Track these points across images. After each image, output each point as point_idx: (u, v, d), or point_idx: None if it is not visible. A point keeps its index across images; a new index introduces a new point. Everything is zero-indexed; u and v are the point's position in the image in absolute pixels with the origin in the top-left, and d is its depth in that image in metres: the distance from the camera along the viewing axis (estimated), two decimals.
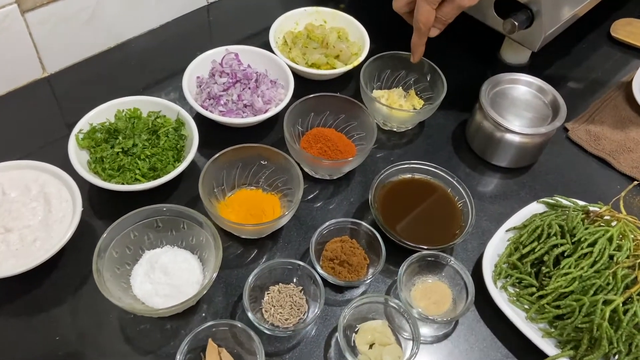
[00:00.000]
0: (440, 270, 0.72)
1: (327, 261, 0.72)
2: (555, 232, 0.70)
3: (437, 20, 0.79)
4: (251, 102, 0.83)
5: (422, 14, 0.77)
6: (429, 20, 0.78)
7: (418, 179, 0.80)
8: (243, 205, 0.75)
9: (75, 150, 0.74)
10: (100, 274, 0.62)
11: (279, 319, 0.67)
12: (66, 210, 0.69)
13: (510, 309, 0.68)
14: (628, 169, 0.87)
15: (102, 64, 0.94)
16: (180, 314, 0.67)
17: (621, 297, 0.62)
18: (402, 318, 0.67)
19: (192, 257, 0.70)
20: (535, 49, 0.89)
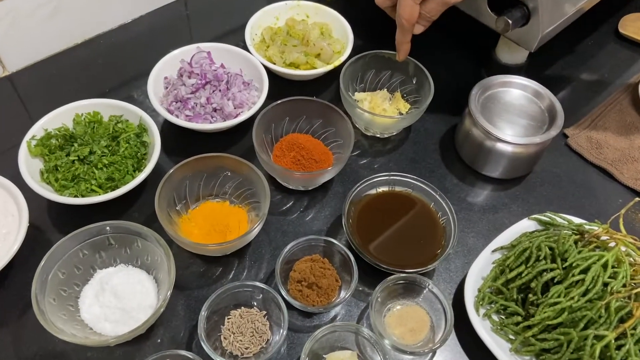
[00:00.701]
0: (418, 294, 0.66)
1: (294, 283, 0.66)
2: (545, 256, 0.64)
3: (421, 17, 0.73)
4: (221, 105, 0.77)
5: (405, 9, 0.72)
6: (412, 16, 0.73)
7: (397, 193, 0.73)
8: (207, 220, 0.70)
9: (26, 159, 0.69)
10: (42, 297, 0.57)
11: (239, 347, 0.61)
12: (11, 225, 0.64)
13: (492, 340, 0.62)
14: (631, 181, 0.80)
15: (67, 62, 0.88)
16: (133, 340, 0.62)
17: (614, 332, 0.56)
18: (374, 349, 0.61)
19: (147, 278, 0.65)
20: (532, 49, 0.81)
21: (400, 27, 0.75)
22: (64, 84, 0.85)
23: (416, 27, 0.75)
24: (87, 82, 0.85)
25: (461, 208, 0.76)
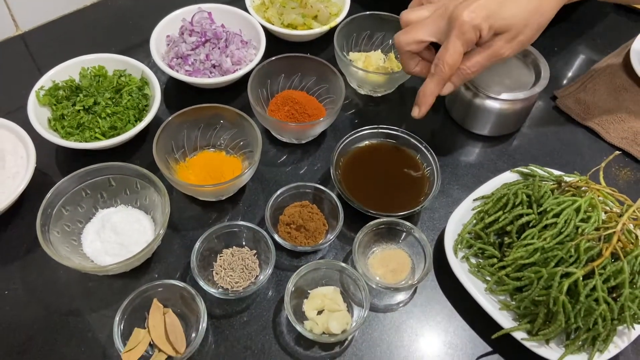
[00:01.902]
0: (401, 238, 0.70)
1: (283, 225, 0.70)
2: (522, 202, 0.67)
3: (458, 71, 0.65)
4: (219, 62, 0.81)
5: (452, 54, 0.62)
6: (456, 64, 0.63)
7: (384, 145, 0.76)
8: (204, 168, 0.74)
9: (35, 107, 0.73)
10: (45, 229, 0.62)
11: (229, 281, 0.66)
12: (20, 166, 0.69)
13: (468, 280, 0.65)
14: (617, 140, 0.82)
15: (76, 23, 0.93)
16: (131, 273, 0.66)
17: (582, 270, 0.59)
18: (355, 286, 0.65)
19: (144, 218, 0.69)
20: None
21: (436, 75, 0.65)
22: (72, 43, 0.89)
23: (447, 84, 0.67)
24: (93, 41, 0.90)
25: (448, 163, 0.79)
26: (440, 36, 0.64)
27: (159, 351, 0.59)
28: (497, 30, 0.62)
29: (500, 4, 0.61)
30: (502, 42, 0.63)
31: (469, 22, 0.60)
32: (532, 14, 0.62)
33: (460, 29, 0.61)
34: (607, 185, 0.68)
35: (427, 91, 0.67)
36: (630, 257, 0.60)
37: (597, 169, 0.70)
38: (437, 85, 0.66)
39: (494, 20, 0.61)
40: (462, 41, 0.62)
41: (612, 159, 0.73)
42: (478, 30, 0.61)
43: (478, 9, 0.60)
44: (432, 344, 0.64)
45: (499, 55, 0.63)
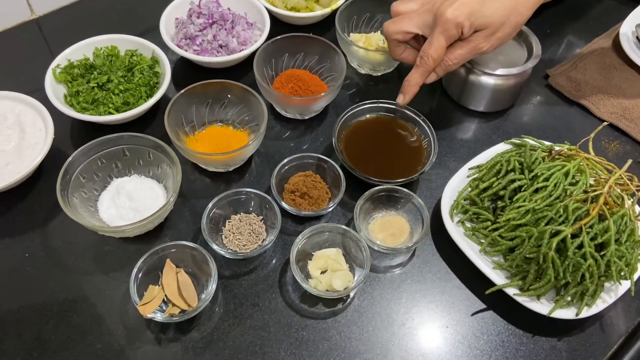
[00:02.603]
0: (400, 205, 0.73)
1: (288, 193, 0.73)
2: (514, 168, 0.70)
3: (441, 63, 0.71)
4: (226, 42, 0.85)
5: (436, 49, 0.68)
6: (440, 57, 0.69)
7: (384, 118, 0.80)
8: (212, 141, 0.78)
9: (52, 83, 0.77)
10: (65, 193, 0.66)
11: (237, 244, 0.69)
12: (39, 137, 0.72)
13: (464, 242, 0.69)
14: (607, 115, 0.86)
15: (88, 7, 0.97)
16: (145, 238, 0.70)
17: (570, 228, 0.62)
18: (357, 248, 0.68)
19: (157, 186, 0.73)
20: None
21: (421, 66, 0.71)
22: (84, 27, 0.92)
23: (430, 75, 0.73)
24: (105, 26, 0.93)
25: (445, 137, 0.83)
26: (425, 29, 0.70)
27: (172, 305, 0.63)
28: (477, 27, 0.67)
29: (481, 3, 0.66)
30: (482, 38, 0.68)
31: (452, 19, 0.66)
32: (509, 13, 0.67)
33: (444, 25, 0.67)
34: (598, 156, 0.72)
35: (413, 81, 0.73)
36: (616, 216, 0.64)
37: (587, 140, 0.74)
38: (421, 76, 0.72)
39: (475, 18, 0.66)
40: (446, 37, 0.67)
41: (601, 130, 0.76)
42: (460, 27, 0.67)
43: (461, 7, 0.66)
44: (429, 302, 0.68)
45: (478, 50, 0.69)
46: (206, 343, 0.63)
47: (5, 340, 0.62)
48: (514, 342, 0.65)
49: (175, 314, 0.62)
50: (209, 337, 0.63)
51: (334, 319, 0.66)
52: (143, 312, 0.61)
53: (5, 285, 0.66)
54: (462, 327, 0.66)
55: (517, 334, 0.66)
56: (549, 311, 0.63)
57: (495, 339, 0.65)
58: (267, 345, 0.63)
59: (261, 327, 0.64)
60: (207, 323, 0.64)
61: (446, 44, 0.68)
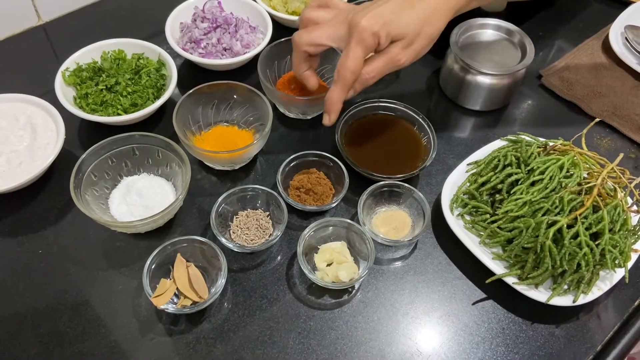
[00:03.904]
0: (401, 200, 0.76)
1: (293, 190, 0.76)
2: (511, 163, 0.73)
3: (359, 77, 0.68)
4: (230, 45, 0.87)
5: (353, 60, 0.65)
6: (358, 70, 0.66)
7: (384, 117, 0.83)
8: (218, 140, 0.80)
9: (62, 86, 0.79)
10: (78, 190, 0.68)
11: (245, 239, 0.72)
12: (50, 138, 0.75)
13: (464, 234, 0.71)
14: (598, 113, 0.89)
15: (95, 13, 0.99)
16: (155, 234, 0.72)
17: (566, 218, 0.65)
18: (361, 241, 0.71)
19: (166, 184, 0.75)
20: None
21: (341, 82, 0.68)
22: (90, 33, 0.95)
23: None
24: (110, 31, 0.95)
25: (443, 136, 0.86)
26: (339, 42, 0.67)
27: (184, 298, 0.65)
28: (393, 38, 0.66)
29: (396, 13, 0.65)
30: (398, 48, 0.66)
31: (368, 28, 0.64)
32: (423, 24, 0.66)
33: (360, 35, 0.64)
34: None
35: (334, 98, 0.70)
36: (609, 207, 0.66)
37: (580, 136, 0.77)
38: (342, 91, 0.69)
39: (390, 27, 0.65)
40: (362, 47, 0.65)
41: (593, 127, 0.79)
42: (377, 37, 0.65)
43: (376, 17, 0.64)
44: (431, 292, 0.70)
45: (396, 62, 0.67)
46: (217, 334, 0.65)
47: (21, 334, 0.64)
48: (513, 329, 0.68)
49: (187, 305, 0.64)
50: (220, 328, 0.65)
51: (340, 310, 0.68)
52: (157, 304, 0.63)
53: (20, 281, 0.68)
54: (464, 316, 0.68)
55: (516, 321, 0.68)
56: (547, 299, 0.66)
57: (495, 327, 0.68)
58: (277, 335, 0.65)
59: (270, 318, 0.66)
60: (218, 315, 0.66)
61: (363, 55, 0.66)
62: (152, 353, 0.63)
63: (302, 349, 0.64)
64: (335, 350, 0.65)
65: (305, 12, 0.72)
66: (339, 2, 0.72)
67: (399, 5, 0.66)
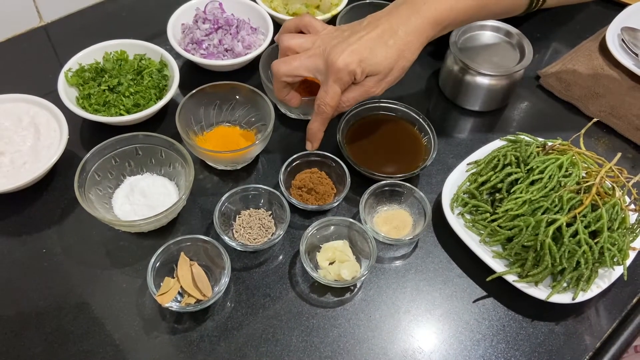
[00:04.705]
0: (402, 199, 0.77)
1: (295, 189, 0.76)
2: (510, 162, 0.74)
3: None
4: (231, 46, 0.88)
5: (332, 97, 0.70)
6: (337, 104, 0.71)
7: (385, 117, 0.84)
8: (220, 140, 0.81)
9: (64, 86, 0.80)
10: (82, 190, 0.68)
11: (248, 238, 0.72)
12: (54, 138, 0.75)
13: (465, 233, 0.72)
14: (595, 114, 0.90)
15: (96, 15, 0.99)
16: (158, 233, 0.73)
17: (565, 217, 0.66)
18: (363, 240, 0.71)
19: (169, 183, 0.75)
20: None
21: (320, 115, 0.72)
22: (91, 34, 0.96)
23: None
24: (112, 32, 0.95)
25: (443, 136, 0.86)
26: (317, 74, 0.71)
27: (188, 296, 0.65)
28: (368, 74, 0.69)
29: (370, 50, 0.68)
30: (373, 82, 0.70)
31: (344, 68, 0.67)
32: (397, 59, 0.69)
33: (337, 74, 0.68)
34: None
35: (315, 129, 0.75)
36: (607, 205, 0.67)
37: (578, 136, 0.78)
38: (322, 124, 0.74)
39: (365, 64, 0.68)
40: (340, 84, 0.69)
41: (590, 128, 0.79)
42: (352, 75, 0.68)
43: (352, 54, 0.67)
44: (433, 290, 0.71)
45: (370, 93, 0.71)
46: (221, 332, 0.65)
47: (25, 332, 0.64)
48: (514, 326, 0.68)
49: (191, 303, 0.65)
50: (224, 326, 0.66)
51: (342, 308, 0.69)
52: (161, 302, 0.63)
53: (24, 280, 0.68)
54: (465, 314, 0.69)
55: (516, 319, 0.69)
56: (547, 296, 0.67)
57: (496, 324, 0.68)
58: (280, 333, 0.66)
59: (273, 316, 0.67)
60: (221, 313, 0.67)
61: (341, 91, 0.70)
62: (157, 351, 0.64)
63: (305, 347, 0.65)
64: (338, 347, 0.65)
65: (284, 40, 0.73)
66: (317, 25, 0.74)
67: (373, 41, 0.68)
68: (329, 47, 0.69)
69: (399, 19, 0.69)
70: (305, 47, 0.72)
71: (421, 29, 0.69)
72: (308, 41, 0.72)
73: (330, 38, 0.71)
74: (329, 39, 0.71)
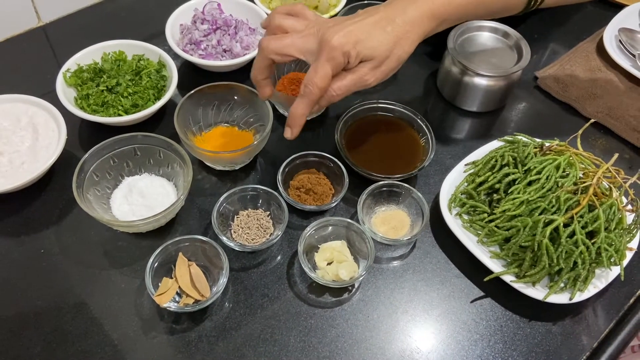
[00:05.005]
0: (400, 199, 0.77)
1: (294, 189, 0.77)
2: (508, 163, 0.74)
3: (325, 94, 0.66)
4: (230, 47, 0.88)
5: (322, 77, 0.64)
6: (326, 86, 0.65)
7: (383, 118, 0.84)
8: (218, 141, 0.81)
9: (63, 87, 0.80)
10: (80, 190, 0.68)
11: (246, 238, 0.72)
12: (52, 138, 0.75)
13: (462, 233, 0.72)
14: (593, 114, 0.90)
15: (94, 15, 1.00)
16: (156, 233, 0.73)
17: (562, 217, 0.66)
18: (361, 240, 0.71)
19: (167, 184, 0.75)
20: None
21: (306, 97, 0.66)
22: (89, 35, 0.96)
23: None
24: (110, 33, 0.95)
25: (441, 137, 0.87)
26: (308, 55, 0.66)
27: (186, 296, 0.65)
28: (363, 58, 0.65)
29: (367, 33, 0.65)
30: (367, 69, 0.66)
31: (339, 47, 0.63)
32: (393, 46, 0.66)
33: (330, 53, 0.63)
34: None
35: (298, 112, 0.67)
36: (605, 206, 0.68)
37: (575, 136, 0.78)
38: (307, 106, 0.67)
39: (361, 47, 0.64)
40: (332, 65, 0.64)
41: (588, 129, 0.79)
42: (347, 56, 0.64)
43: (347, 35, 0.63)
44: (430, 291, 0.71)
45: (363, 82, 0.67)
46: (219, 332, 0.65)
47: (24, 332, 0.64)
48: (511, 326, 0.69)
49: (189, 304, 0.65)
50: (222, 326, 0.66)
51: (340, 308, 0.69)
52: (160, 302, 0.63)
53: (23, 280, 0.68)
54: (462, 314, 0.69)
55: (514, 319, 0.69)
56: (544, 296, 0.67)
57: (493, 324, 0.69)
58: (278, 333, 0.66)
59: (271, 317, 0.67)
60: (219, 313, 0.67)
61: (332, 73, 0.65)
62: (155, 351, 0.64)
63: (303, 347, 0.65)
64: (336, 347, 0.66)
65: (275, 18, 0.69)
66: (308, 13, 0.70)
67: (371, 26, 0.65)
68: (324, 28, 0.65)
69: (396, 9, 0.67)
70: (298, 28, 0.67)
71: (419, 21, 0.67)
72: (301, 23, 0.68)
73: (325, 22, 0.67)
74: (323, 21, 0.67)
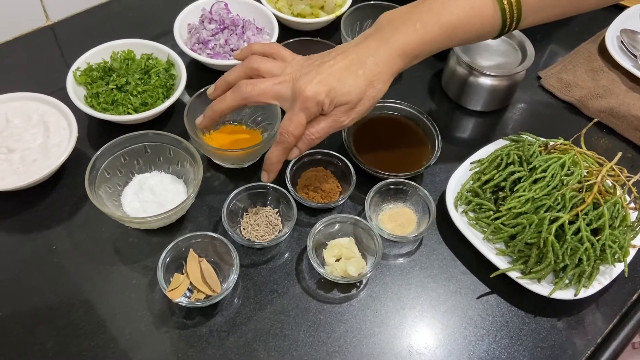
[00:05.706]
0: (407, 197, 0.78)
1: (302, 187, 0.78)
2: (513, 161, 0.75)
3: (304, 137, 0.68)
4: (237, 46, 0.89)
5: (297, 126, 0.66)
6: (301, 134, 0.67)
7: (389, 116, 0.85)
8: (226, 139, 0.82)
9: (73, 85, 0.81)
10: (92, 187, 0.69)
11: (255, 235, 0.73)
12: (63, 136, 0.76)
13: (469, 231, 0.73)
14: (595, 114, 0.92)
15: (102, 14, 1.00)
16: (167, 230, 0.74)
17: (568, 214, 0.67)
18: (368, 237, 0.72)
19: (177, 181, 0.76)
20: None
21: (282, 144, 0.67)
22: (98, 34, 0.96)
23: (293, 150, 0.69)
24: (118, 32, 0.96)
25: (446, 136, 0.88)
26: (284, 102, 0.68)
27: (197, 291, 0.66)
28: (337, 104, 0.66)
29: (339, 80, 0.65)
30: (342, 112, 0.67)
31: (313, 97, 0.64)
32: (366, 88, 0.66)
33: (304, 103, 0.65)
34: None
35: (274, 159, 0.69)
36: (609, 203, 0.69)
37: (579, 135, 0.79)
38: (283, 153, 0.68)
39: (334, 95, 0.65)
40: (306, 114, 0.66)
41: (591, 128, 0.81)
42: (320, 105, 0.65)
43: (320, 84, 0.64)
44: (437, 287, 0.72)
45: (339, 124, 0.68)
46: (230, 326, 0.66)
47: (38, 327, 0.65)
48: (517, 322, 0.70)
49: (200, 299, 0.66)
50: (232, 321, 0.67)
51: (348, 304, 0.70)
52: (172, 297, 0.64)
53: (35, 276, 0.69)
54: (469, 310, 0.70)
55: (519, 315, 0.70)
56: (549, 292, 0.68)
57: (499, 320, 0.70)
58: (288, 328, 0.67)
59: (281, 312, 0.68)
60: (230, 308, 0.68)
61: (306, 121, 0.66)
62: (167, 346, 0.65)
63: (312, 342, 0.66)
64: (345, 342, 0.67)
65: (252, 61, 0.70)
66: (285, 53, 0.71)
67: (342, 71, 0.66)
68: (298, 76, 0.66)
69: (368, 50, 0.67)
70: (274, 73, 0.68)
71: (390, 60, 0.67)
72: (278, 67, 0.69)
73: (300, 66, 0.68)
74: (299, 67, 0.68)
